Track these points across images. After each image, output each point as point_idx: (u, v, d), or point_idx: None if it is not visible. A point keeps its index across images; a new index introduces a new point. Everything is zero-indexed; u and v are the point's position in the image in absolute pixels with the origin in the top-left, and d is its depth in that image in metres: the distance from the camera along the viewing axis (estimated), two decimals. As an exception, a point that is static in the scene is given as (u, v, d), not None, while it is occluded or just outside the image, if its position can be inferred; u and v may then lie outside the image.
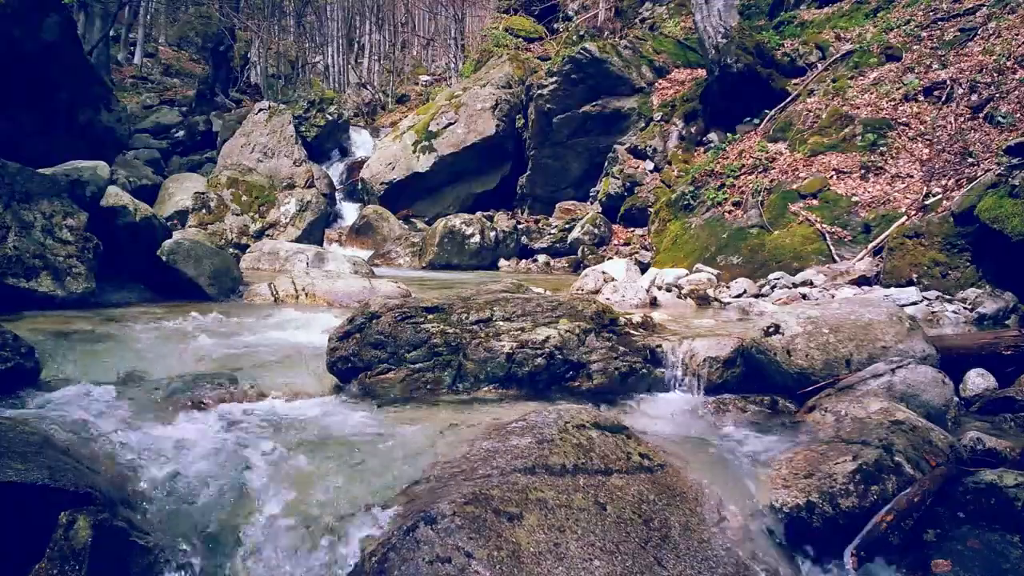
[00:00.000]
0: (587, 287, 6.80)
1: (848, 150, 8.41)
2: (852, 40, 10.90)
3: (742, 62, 10.25)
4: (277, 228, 11.71)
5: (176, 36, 29.20)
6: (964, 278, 5.91)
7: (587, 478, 2.20)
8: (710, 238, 8.53)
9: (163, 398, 3.13)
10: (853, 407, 2.91)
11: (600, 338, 3.56)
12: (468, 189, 14.87)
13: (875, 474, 2.39)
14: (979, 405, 3.38)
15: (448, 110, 15.02)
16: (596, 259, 10.35)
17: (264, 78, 25.41)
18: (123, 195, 5.79)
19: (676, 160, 11.14)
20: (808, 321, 3.50)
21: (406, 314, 3.51)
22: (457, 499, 2.02)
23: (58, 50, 8.44)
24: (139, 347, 3.84)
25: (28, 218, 4.85)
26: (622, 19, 17.31)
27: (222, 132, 16.71)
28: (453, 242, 11.37)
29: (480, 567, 1.82)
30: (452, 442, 2.58)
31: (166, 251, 5.81)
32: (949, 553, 2.14)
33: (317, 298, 5.92)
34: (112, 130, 9.79)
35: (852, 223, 7.50)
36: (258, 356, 3.83)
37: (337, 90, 24.62)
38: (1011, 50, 8.20)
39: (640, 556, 1.98)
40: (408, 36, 30.42)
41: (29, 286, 4.67)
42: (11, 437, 2.11)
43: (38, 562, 1.77)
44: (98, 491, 2.01)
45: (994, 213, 5.57)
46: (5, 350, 2.99)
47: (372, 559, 1.90)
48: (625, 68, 12.94)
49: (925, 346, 3.41)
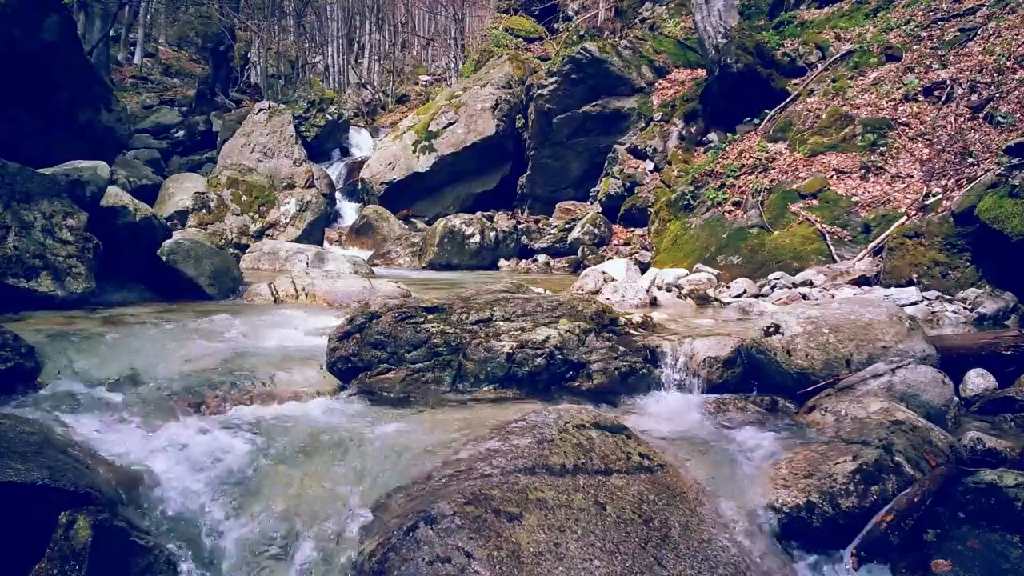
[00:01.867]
0: (587, 287, 6.79)
1: (848, 150, 8.40)
2: (852, 40, 10.90)
3: (742, 62, 10.25)
4: (277, 228, 11.69)
5: (176, 36, 29.19)
6: (964, 278, 5.91)
7: (587, 478, 2.20)
8: (710, 238, 8.52)
9: (163, 398, 3.13)
10: (853, 407, 2.91)
11: (600, 338, 3.56)
12: (468, 189, 14.86)
13: (875, 474, 2.39)
14: (979, 405, 3.38)
15: (448, 110, 15.02)
16: (596, 259, 10.35)
17: (264, 78, 25.41)
18: (123, 195, 5.79)
19: (676, 160, 11.14)
20: (808, 321, 3.50)
21: (406, 314, 3.51)
22: (457, 499, 2.02)
23: (58, 50, 8.43)
24: (139, 347, 3.84)
25: (28, 218, 4.85)
26: (622, 19, 17.31)
27: (222, 132, 16.71)
28: (453, 242, 11.36)
29: (480, 567, 1.82)
30: (452, 442, 2.58)
31: (166, 251, 5.80)
32: (949, 553, 2.14)
33: (317, 298, 5.92)
34: (112, 130, 9.78)
35: (852, 223, 7.49)
36: (258, 356, 3.83)
37: (337, 90, 24.62)
38: (1011, 50, 8.20)
39: (640, 556, 1.98)
40: (408, 36, 30.42)
41: (29, 286, 4.67)
42: (11, 437, 2.11)
43: (38, 562, 1.77)
44: (98, 491, 2.01)
45: (994, 213, 5.57)
46: (5, 350, 3.00)
47: (372, 559, 1.90)
48: (625, 68, 12.93)
49: (925, 346, 3.41)
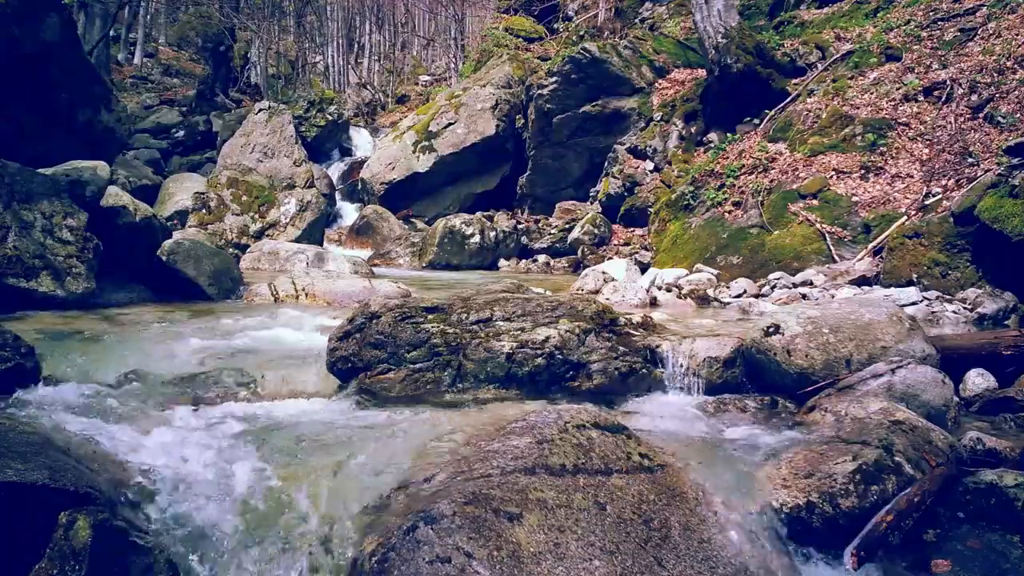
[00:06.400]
0: (587, 287, 6.79)
1: (848, 150, 8.40)
2: (852, 40, 10.89)
3: (742, 62, 10.25)
4: (277, 228, 11.69)
5: (176, 36, 29.17)
6: (964, 278, 5.91)
7: (587, 478, 2.20)
8: (710, 238, 8.52)
9: (163, 398, 3.13)
10: (853, 407, 2.91)
11: (600, 338, 3.56)
12: (468, 189, 14.87)
13: (875, 474, 2.39)
14: (979, 405, 3.38)
15: (448, 110, 15.02)
16: (596, 259, 10.35)
17: (264, 78, 25.40)
18: (123, 195, 5.79)
19: (676, 160, 11.13)
20: (808, 321, 3.50)
21: (406, 314, 3.51)
22: (457, 499, 2.02)
23: (58, 50, 8.42)
24: (139, 347, 3.84)
25: (28, 218, 4.85)
26: (622, 19, 17.30)
27: (222, 132, 16.70)
28: (453, 242, 11.36)
29: (480, 567, 1.82)
30: (452, 442, 2.58)
31: (166, 251, 5.81)
32: (949, 553, 2.14)
33: (317, 298, 5.92)
34: (112, 130, 9.77)
35: (852, 223, 7.49)
36: (258, 356, 3.83)
37: (337, 90, 24.63)
38: (1011, 50, 8.20)
39: (640, 556, 1.98)
40: (408, 36, 30.42)
41: (29, 286, 4.67)
42: (11, 437, 2.11)
43: (38, 562, 1.77)
44: (98, 491, 2.01)
45: (994, 213, 5.57)
46: (5, 350, 2.99)
47: (372, 559, 1.90)
48: (625, 68, 12.93)
49: (925, 346, 3.41)
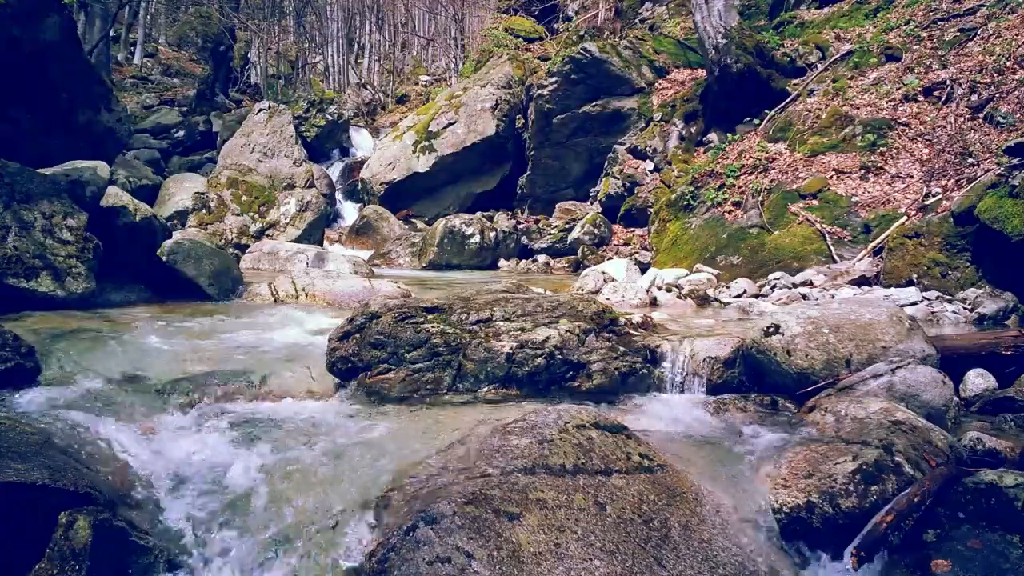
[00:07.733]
0: (587, 287, 6.79)
1: (848, 150, 8.40)
2: (852, 40, 10.89)
3: (742, 62, 10.25)
4: (277, 228, 11.69)
5: (176, 36, 29.16)
6: (964, 278, 5.91)
7: (587, 478, 2.20)
8: (710, 238, 8.52)
9: (163, 398, 3.13)
10: (853, 407, 2.91)
11: (600, 338, 3.56)
12: (468, 189, 14.87)
13: (875, 474, 2.39)
14: (979, 405, 3.38)
15: (448, 110, 15.02)
16: (596, 259, 10.35)
17: (264, 78, 25.40)
18: (123, 195, 5.79)
19: (676, 160, 11.13)
20: (808, 321, 3.50)
21: (406, 314, 3.51)
22: (457, 499, 2.02)
23: (58, 50, 8.42)
24: (139, 347, 3.84)
25: (28, 218, 4.85)
26: (622, 19, 17.30)
27: (222, 132, 16.70)
28: (453, 242, 11.36)
29: (480, 567, 1.82)
30: (452, 442, 2.58)
31: (166, 251, 5.80)
32: (949, 553, 2.14)
33: (317, 298, 5.92)
34: (112, 130, 9.76)
35: (852, 223, 7.49)
36: (258, 356, 3.83)
37: (337, 90, 24.63)
38: (1011, 50, 8.20)
39: (640, 556, 1.98)
40: (408, 36, 30.40)
41: (29, 286, 4.67)
42: (11, 437, 2.11)
43: (38, 562, 1.77)
44: (98, 491, 2.01)
45: (994, 213, 5.57)
46: (5, 350, 3.00)
47: (372, 559, 1.90)
48: (625, 68, 12.93)
49: (925, 346, 3.41)
